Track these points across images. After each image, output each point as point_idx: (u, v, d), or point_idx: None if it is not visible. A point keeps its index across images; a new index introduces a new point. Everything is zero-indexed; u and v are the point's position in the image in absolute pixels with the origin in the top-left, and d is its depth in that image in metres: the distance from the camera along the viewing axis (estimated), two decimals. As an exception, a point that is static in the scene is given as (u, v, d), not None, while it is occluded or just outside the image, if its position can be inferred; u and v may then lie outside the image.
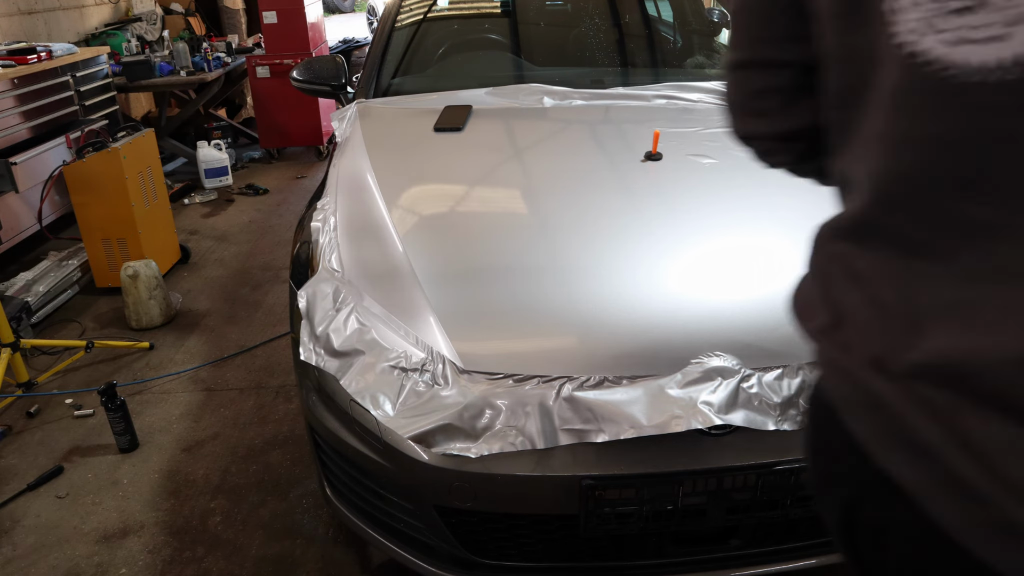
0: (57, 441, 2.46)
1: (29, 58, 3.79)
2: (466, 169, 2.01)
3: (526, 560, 1.53)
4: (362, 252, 1.70)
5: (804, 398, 1.40)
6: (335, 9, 15.58)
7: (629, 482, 1.36)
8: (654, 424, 1.32)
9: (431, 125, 2.19)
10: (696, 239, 1.69)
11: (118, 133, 3.52)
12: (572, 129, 2.20)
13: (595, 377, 1.39)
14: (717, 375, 1.37)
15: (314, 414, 1.58)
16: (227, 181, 4.99)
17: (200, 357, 2.96)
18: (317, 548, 1.97)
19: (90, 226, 3.40)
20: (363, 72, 2.61)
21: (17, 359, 2.69)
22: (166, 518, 2.10)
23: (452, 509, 1.45)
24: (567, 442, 1.35)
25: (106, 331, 3.20)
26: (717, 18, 3.41)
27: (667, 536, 1.50)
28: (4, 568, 1.95)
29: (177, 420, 2.55)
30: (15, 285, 3.25)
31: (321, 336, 1.50)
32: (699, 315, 1.49)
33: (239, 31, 6.85)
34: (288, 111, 5.56)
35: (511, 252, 1.68)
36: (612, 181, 1.90)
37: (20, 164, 3.53)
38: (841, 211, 0.72)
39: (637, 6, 2.95)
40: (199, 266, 3.87)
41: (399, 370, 1.43)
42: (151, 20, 5.85)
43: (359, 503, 1.63)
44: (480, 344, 1.47)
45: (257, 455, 2.35)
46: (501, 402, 1.37)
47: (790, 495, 1.41)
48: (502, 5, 3.12)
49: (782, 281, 1.58)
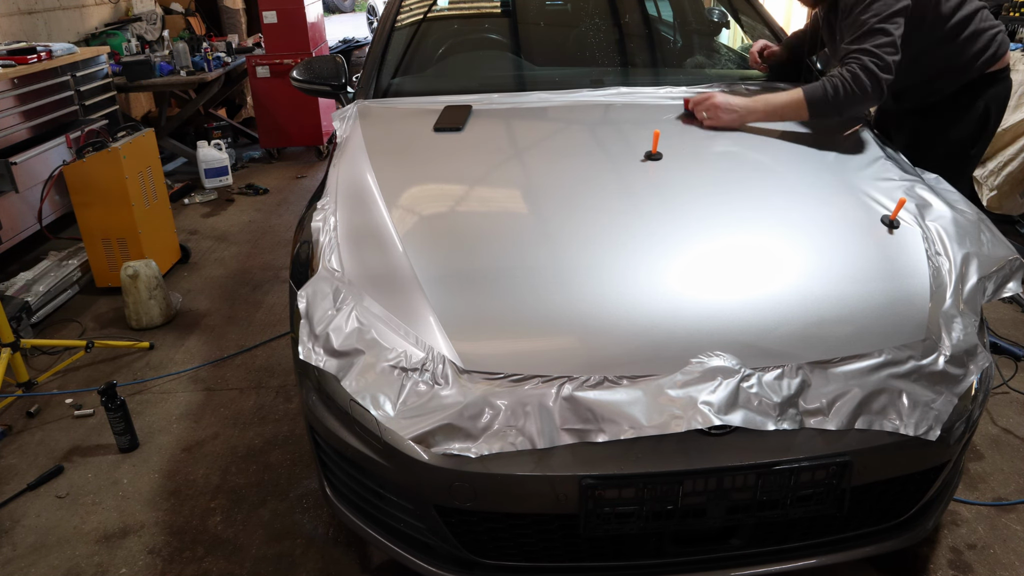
0: (57, 441, 2.46)
1: (29, 58, 3.79)
2: (466, 169, 2.01)
3: (526, 560, 1.53)
4: (362, 252, 1.70)
5: (804, 398, 1.40)
6: (335, 9, 15.58)
7: (629, 482, 1.36)
8: (654, 424, 1.33)
9: (431, 125, 2.19)
10: (696, 239, 1.68)
11: (118, 133, 3.52)
12: (572, 129, 2.20)
13: (595, 377, 1.39)
14: (717, 375, 1.37)
15: (314, 414, 1.58)
16: (227, 181, 4.98)
17: (200, 357, 2.96)
18: (317, 548, 1.97)
19: (90, 226, 3.40)
20: (363, 72, 2.61)
21: (17, 359, 2.69)
22: (166, 518, 2.10)
23: (452, 509, 1.45)
24: (567, 442, 1.35)
25: (106, 331, 3.20)
26: (717, 18, 3.41)
27: (667, 536, 1.50)
28: (4, 568, 1.95)
29: (177, 420, 2.55)
30: (15, 285, 3.25)
31: (321, 336, 1.50)
32: (699, 315, 1.49)
33: (239, 31, 6.85)
34: (288, 111, 5.56)
35: (511, 252, 1.67)
36: (612, 181, 1.90)
37: (20, 164, 3.53)
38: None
39: (637, 6, 2.95)
40: (199, 266, 3.87)
41: (399, 370, 1.43)
42: (151, 20, 5.85)
43: (359, 503, 1.63)
44: (480, 344, 1.47)
45: (257, 455, 2.35)
46: (501, 402, 1.37)
47: (790, 495, 1.41)
48: (502, 5, 3.12)
49: (782, 281, 1.59)
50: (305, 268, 1.76)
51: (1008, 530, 1.97)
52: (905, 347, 1.47)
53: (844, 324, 1.50)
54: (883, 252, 1.68)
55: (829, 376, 1.42)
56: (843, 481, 1.41)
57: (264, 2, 5.36)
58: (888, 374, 1.43)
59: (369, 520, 1.63)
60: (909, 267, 1.64)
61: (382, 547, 1.61)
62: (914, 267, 1.64)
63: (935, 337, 1.50)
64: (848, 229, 1.74)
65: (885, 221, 1.75)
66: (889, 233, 1.72)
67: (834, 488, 1.41)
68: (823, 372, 1.42)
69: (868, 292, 1.57)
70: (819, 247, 1.68)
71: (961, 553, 1.90)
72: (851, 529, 1.57)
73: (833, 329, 1.49)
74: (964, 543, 1.93)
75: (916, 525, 1.62)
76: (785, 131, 2.13)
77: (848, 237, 1.71)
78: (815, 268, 1.62)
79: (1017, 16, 3.58)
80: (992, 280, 1.67)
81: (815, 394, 1.40)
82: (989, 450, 2.27)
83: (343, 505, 1.67)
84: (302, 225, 1.96)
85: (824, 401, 1.39)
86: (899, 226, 1.74)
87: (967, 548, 1.91)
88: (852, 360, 1.44)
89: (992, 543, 1.93)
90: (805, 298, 1.54)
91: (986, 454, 2.25)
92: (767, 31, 2.72)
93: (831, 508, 1.44)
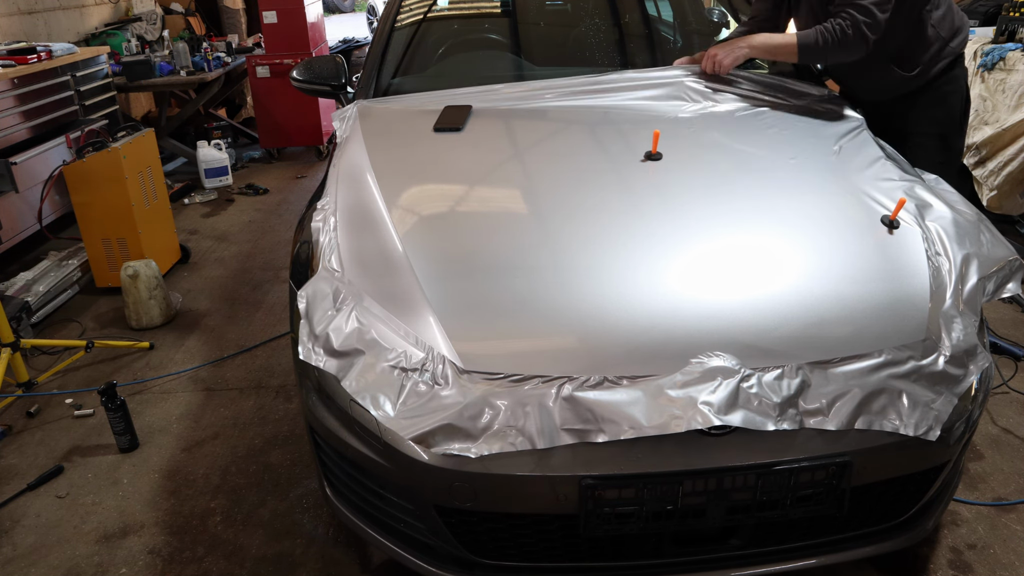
0: (57, 441, 2.46)
1: (29, 58, 3.79)
2: (466, 169, 2.01)
3: (526, 560, 1.53)
4: (362, 252, 1.70)
5: (804, 398, 1.40)
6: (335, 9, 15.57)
7: (629, 482, 1.36)
8: (654, 424, 1.33)
9: (431, 125, 2.19)
10: (696, 239, 1.69)
11: (118, 133, 3.52)
12: (572, 129, 2.20)
13: (595, 377, 1.39)
14: (717, 375, 1.37)
15: (314, 414, 1.58)
16: (227, 181, 4.99)
17: (200, 357, 2.96)
18: (317, 548, 1.97)
19: (90, 226, 3.40)
20: (363, 72, 2.60)
21: (17, 359, 2.69)
22: (166, 518, 2.10)
23: (452, 509, 1.45)
24: (567, 442, 1.35)
25: (106, 331, 3.20)
26: (717, 18, 3.40)
27: (667, 536, 1.50)
28: (4, 568, 1.95)
29: (177, 420, 2.55)
30: (15, 285, 3.25)
31: (321, 336, 1.50)
32: (699, 315, 1.49)
33: (239, 31, 6.85)
34: (288, 111, 5.56)
35: (511, 252, 1.67)
36: (612, 181, 1.90)
37: (20, 164, 3.53)
38: None
39: (637, 6, 2.95)
40: (199, 266, 3.87)
41: (399, 370, 1.43)
42: (151, 20, 5.85)
43: (359, 503, 1.63)
44: (480, 344, 1.47)
45: (257, 455, 2.35)
46: (501, 402, 1.37)
47: (790, 495, 1.41)
48: (502, 5, 3.12)
49: (782, 281, 1.59)
50: (305, 268, 1.76)
51: (1008, 530, 1.97)
52: (905, 347, 1.47)
53: (844, 324, 1.50)
54: (883, 252, 1.68)
55: (829, 376, 1.42)
56: (843, 481, 1.41)
57: (264, 2, 5.36)
58: (888, 374, 1.43)
59: (369, 520, 1.63)
60: (909, 267, 1.64)
61: (382, 547, 1.61)
62: (914, 267, 1.64)
63: (935, 337, 1.50)
64: (848, 229, 1.74)
65: (885, 221, 1.75)
66: (889, 233, 1.72)
67: (834, 488, 1.41)
68: (823, 372, 1.42)
69: (868, 292, 1.57)
70: (819, 247, 1.68)
71: (961, 553, 1.90)
72: (851, 529, 1.57)
73: (833, 329, 1.49)
74: (964, 543, 1.93)
75: (916, 525, 1.62)
76: (785, 131, 2.13)
77: (848, 237, 1.71)
78: (815, 268, 1.62)
79: (1017, 16, 3.58)
80: (992, 280, 1.67)
81: (815, 394, 1.40)
82: (989, 450, 2.27)
83: (343, 505, 1.67)
84: (302, 225, 1.96)
85: (824, 401, 1.39)
86: (899, 226, 1.74)
87: (967, 548, 1.91)
88: (852, 360, 1.44)
89: (992, 543, 1.93)
90: (805, 298, 1.54)
91: (986, 454, 2.25)
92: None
93: (831, 508, 1.44)
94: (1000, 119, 3.48)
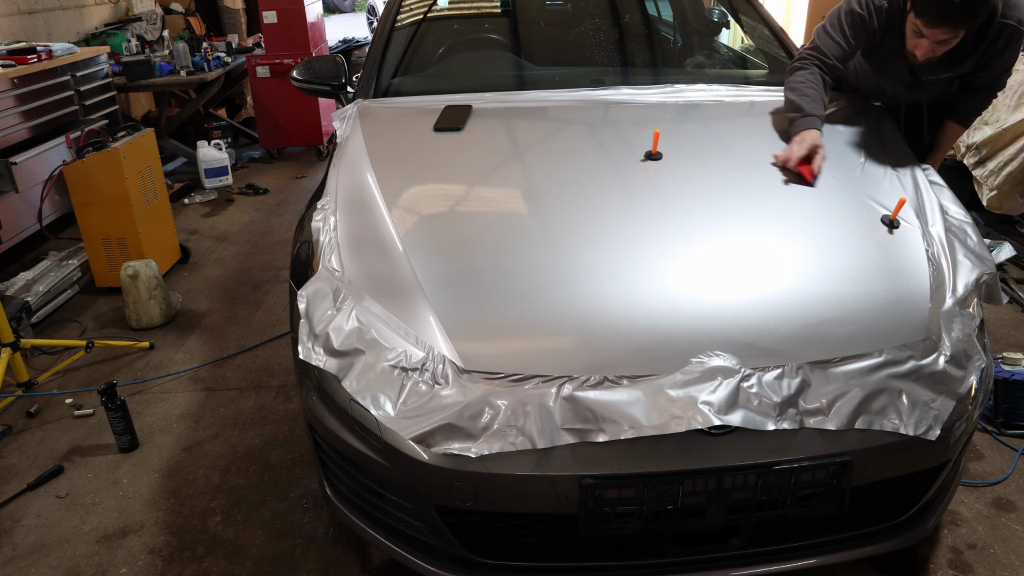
0: (57, 441, 2.46)
1: (29, 58, 3.79)
2: (466, 169, 2.01)
3: (526, 560, 1.53)
4: (362, 252, 1.70)
5: (804, 398, 1.40)
6: (335, 9, 15.57)
7: (629, 482, 1.36)
8: (654, 424, 1.33)
9: (431, 125, 2.19)
10: (696, 239, 1.69)
11: (118, 133, 3.52)
12: (572, 129, 2.20)
13: (595, 377, 1.39)
14: (717, 375, 1.37)
15: (314, 414, 1.58)
16: (227, 181, 4.98)
17: (200, 357, 2.96)
18: (317, 548, 1.97)
19: (90, 226, 3.39)
20: (363, 72, 2.60)
21: (17, 359, 2.69)
22: (166, 518, 2.10)
23: (452, 509, 1.45)
24: (567, 442, 1.35)
25: (106, 331, 3.20)
26: (717, 18, 3.41)
27: (667, 536, 1.50)
28: (4, 568, 1.95)
29: (177, 420, 2.55)
30: (15, 285, 3.25)
31: (321, 336, 1.50)
32: (699, 315, 1.49)
33: (239, 31, 6.84)
34: (288, 111, 5.56)
35: (511, 252, 1.67)
36: (612, 181, 1.90)
37: (20, 164, 3.53)
38: None
39: (637, 6, 2.95)
40: (199, 266, 3.87)
41: (399, 370, 1.43)
42: (151, 20, 5.85)
43: (359, 503, 1.63)
44: (480, 344, 1.47)
45: (257, 455, 2.35)
46: (501, 402, 1.37)
47: (790, 495, 1.41)
48: (502, 5, 3.12)
49: (782, 281, 1.59)
50: (305, 268, 1.76)
51: (1008, 530, 1.97)
52: (905, 347, 1.47)
53: (844, 324, 1.50)
54: (883, 252, 1.68)
55: (829, 376, 1.42)
56: (843, 481, 1.41)
57: (264, 2, 5.36)
58: (888, 374, 1.43)
59: (369, 520, 1.63)
60: (909, 267, 1.64)
61: (382, 547, 1.61)
62: (914, 267, 1.64)
63: (935, 337, 1.50)
64: (848, 229, 1.74)
65: (885, 221, 1.75)
66: (889, 233, 1.73)
67: (834, 488, 1.41)
68: (823, 372, 1.42)
69: (868, 292, 1.57)
70: (819, 247, 1.68)
71: (961, 553, 1.90)
72: (851, 529, 1.57)
73: (833, 329, 1.49)
74: (964, 543, 1.93)
75: (916, 525, 1.62)
76: (785, 131, 2.13)
77: (848, 237, 1.71)
78: (815, 268, 1.62)
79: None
80: (975, 291, 1.66)
81: (815, 394, 1.40)
82: (989, 450, 2.27)
83: (343, 505, 1.67)
84: (302, 225, 1.96)
85: (824, 401, 1.39)
86: (899, 226, 1.74)
87: (967, 548, 1.91)
88: (852, 360, 1.44)
89: (992, 543, 1.93)
90: (805, 298, 1.54)
91: (986, 454, 2.25)
92: (767, 31, 2.72)
93: (831, 508, 1.44)
94: (1000, 119, 3.48)
